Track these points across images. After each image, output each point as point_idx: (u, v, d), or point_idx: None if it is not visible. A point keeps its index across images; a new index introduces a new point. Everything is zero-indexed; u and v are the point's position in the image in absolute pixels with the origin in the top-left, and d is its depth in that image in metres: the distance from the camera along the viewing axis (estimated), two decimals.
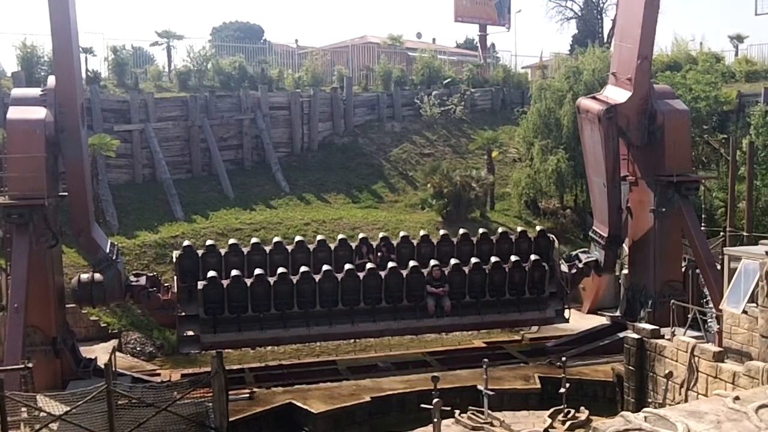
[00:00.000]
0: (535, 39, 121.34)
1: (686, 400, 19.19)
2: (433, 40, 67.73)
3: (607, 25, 65.50)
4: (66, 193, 22.54)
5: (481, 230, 28.27)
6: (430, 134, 45.84)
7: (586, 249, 28.71)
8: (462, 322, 26.01)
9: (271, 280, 23.81)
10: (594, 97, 26.60)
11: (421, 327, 25.81)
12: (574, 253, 28.52)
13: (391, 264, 25.01)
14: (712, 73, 40.21)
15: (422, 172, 41.49)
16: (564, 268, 27.11)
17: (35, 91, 22.46)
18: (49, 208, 21.30)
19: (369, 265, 24.87)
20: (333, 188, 40.77)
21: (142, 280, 24.22)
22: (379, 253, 26.03)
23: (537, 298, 26.11)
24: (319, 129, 43.47)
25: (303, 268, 24.25)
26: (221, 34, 64.10)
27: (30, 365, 17.66)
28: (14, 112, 21.36)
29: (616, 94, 25.70)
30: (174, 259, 25.23)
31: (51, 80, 21.97)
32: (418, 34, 66.61)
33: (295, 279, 23.95)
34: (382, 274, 24.64)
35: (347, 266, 24.67)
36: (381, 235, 27.24)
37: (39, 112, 21.29)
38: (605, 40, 62.01)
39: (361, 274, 24.50)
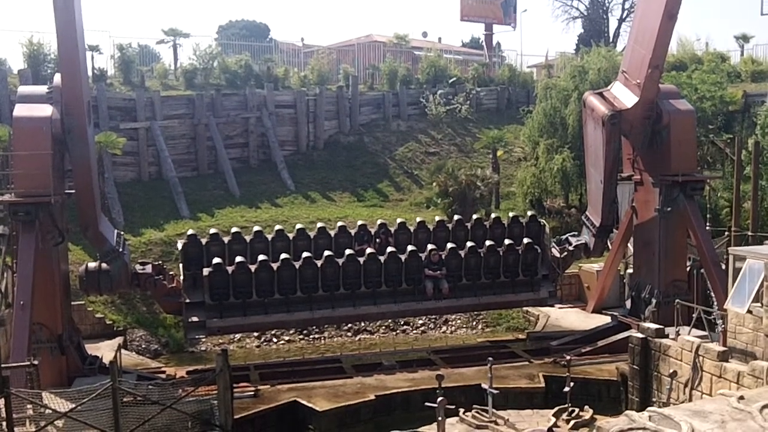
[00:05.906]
0: (541, 38, 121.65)
1: (690, 400, 19.19)
2: (439, 39, 67.71)
3: (612, 25, 65.61)
4: (73, 191, 22.59)
5: (474, 216, 28.50)
6: (436, 133, 45.89)
7: (576, 233, 28.85)
8: (459, 304, 26.44)
9: (275, 265, 24.02)
10: (601, 94, 26.37)
11: (420, 309, 26.30)
12: (564, 236, 28.67)
13: (390, 249, 25.20)
14: (718, 73, 40.05)
15: (427, 171, 41.51)
16: (555, 251, 27.50)
17: (42, 89, 22.47)
18: (56, 206, 21.32)
19: (369, 250, 25.07)
20: (338, 187, 40.89)
21: (148, 269, 24.39)
22: (377, 240, 26.20)
23: (530, 279, 26.61)
24: (324, 127, 43.59)
25: (305, 254, 24.42)
26: (227, 33, 64.28)
27: (36, 362, 17.68)
28: (21, 110, 21.36)
29: (623, 95, 25.55)
30: (179, 248, 25.48)
31: (57, 78, 21.89)
32: (423, 33, 66.61)
33: (297, 264, 24.15)
34: (382, 258, 24.86)
35: (348, 251, 24.89)
36: (379, 221, 27.39)
37: (45, 110, 21.26)
38: (611, 39, 62.06)
39: (361, 259, 24.72)
